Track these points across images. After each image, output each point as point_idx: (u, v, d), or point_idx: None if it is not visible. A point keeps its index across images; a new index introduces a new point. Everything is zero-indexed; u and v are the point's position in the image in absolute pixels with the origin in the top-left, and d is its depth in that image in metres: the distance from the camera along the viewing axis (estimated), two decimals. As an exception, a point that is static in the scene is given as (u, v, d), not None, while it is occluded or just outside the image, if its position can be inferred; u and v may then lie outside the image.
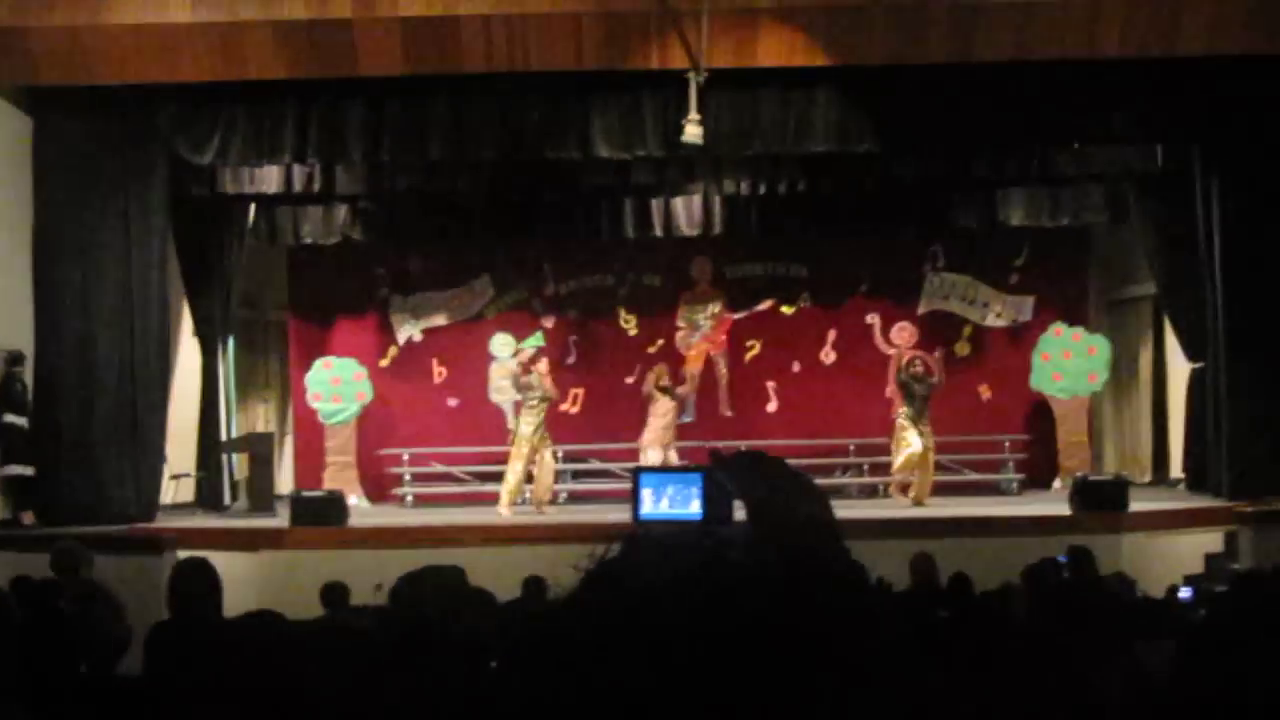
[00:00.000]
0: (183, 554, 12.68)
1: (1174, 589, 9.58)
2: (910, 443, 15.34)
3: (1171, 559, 13.31)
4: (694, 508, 1.72)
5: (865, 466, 17.58)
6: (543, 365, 15.52)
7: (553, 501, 15.74)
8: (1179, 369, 16.86)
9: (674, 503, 1.75)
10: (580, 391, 18.43)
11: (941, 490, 16.27)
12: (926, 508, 15.16)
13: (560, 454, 17.28)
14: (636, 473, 1.79)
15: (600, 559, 1.25)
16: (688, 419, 17.34)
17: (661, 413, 16.04)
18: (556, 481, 16.99)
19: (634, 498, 1.78)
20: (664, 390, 16.11)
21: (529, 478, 15.23)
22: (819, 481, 1.70)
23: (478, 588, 8.42)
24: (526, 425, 15.19)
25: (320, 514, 14.20)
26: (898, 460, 15.65)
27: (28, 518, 13.73)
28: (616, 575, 1.22)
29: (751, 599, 1.19)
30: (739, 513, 1.67)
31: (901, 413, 15.62)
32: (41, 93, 14.18)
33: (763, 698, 1.16)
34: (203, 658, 3.79)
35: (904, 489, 15.79)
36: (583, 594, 1.22)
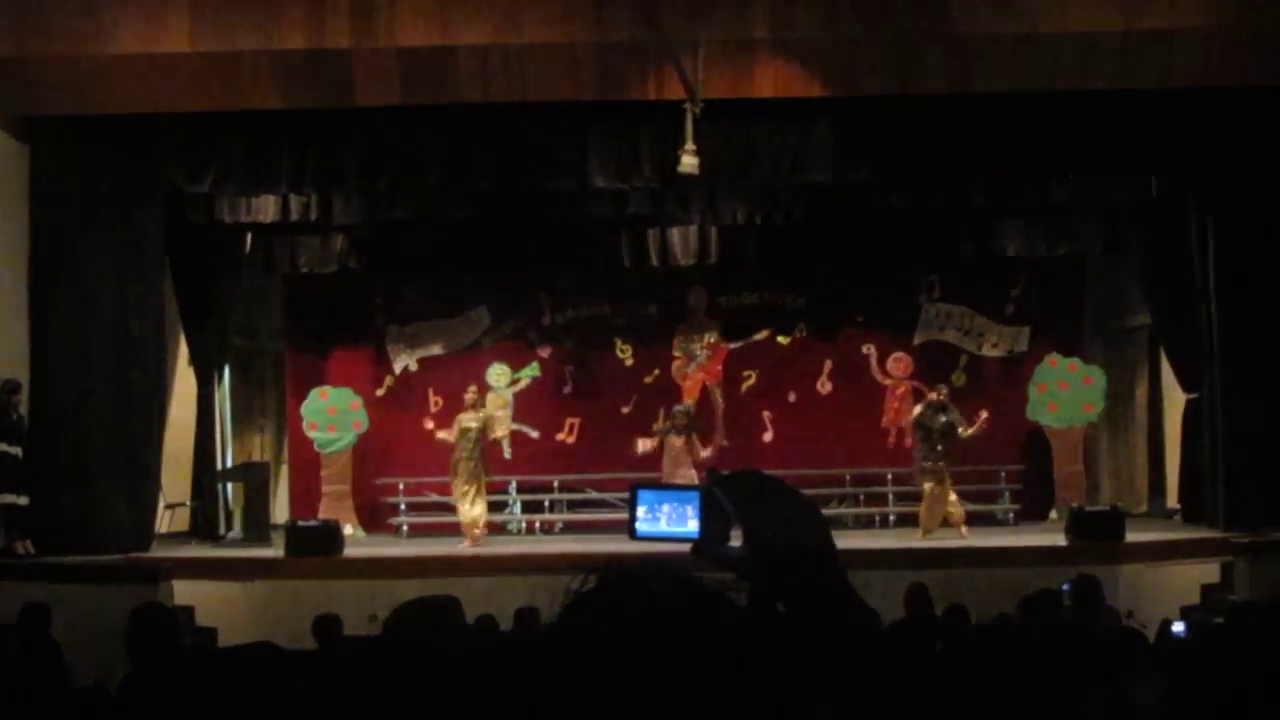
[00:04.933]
0: (178, 584, 12.74)
1: (1167, 623, 9.56)
2: (932, 495, 15.31)
3: (1168, 590, 13.30)
4: (691, 525, 1.72)
5: (861, 496, 17.57)
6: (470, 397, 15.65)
7: (548, 530, 15.80)
8: (1175, 399, 16.87)
9: (671, 520, 1.75)
10: (576, 421, 18.42)
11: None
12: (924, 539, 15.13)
13: (556, 483, 17.33)
14: (634, 488, 1.79)
15: (576, 592, 1.25)
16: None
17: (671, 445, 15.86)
18: (552, 511, 17.07)
19: (630, 513, 1.78)
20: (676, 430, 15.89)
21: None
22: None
23: (482, 614, 8.43)
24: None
25: (316, 544, 14.17)
26: (929, 519, 15.49)
27: (23, 547, 13.70)
28: (591, 611, 1.22)
29: (727, 638, 1.19)
30: (736, 532, 1.67)
31: (925, 466, 15.47)
32: (39, 122, 14.21)
33: None
34: (196, 689, 3.79)
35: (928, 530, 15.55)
36: (558, 630, 1.23)
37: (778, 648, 1.24)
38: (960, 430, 15.37)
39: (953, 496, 15.35)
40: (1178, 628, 9.28)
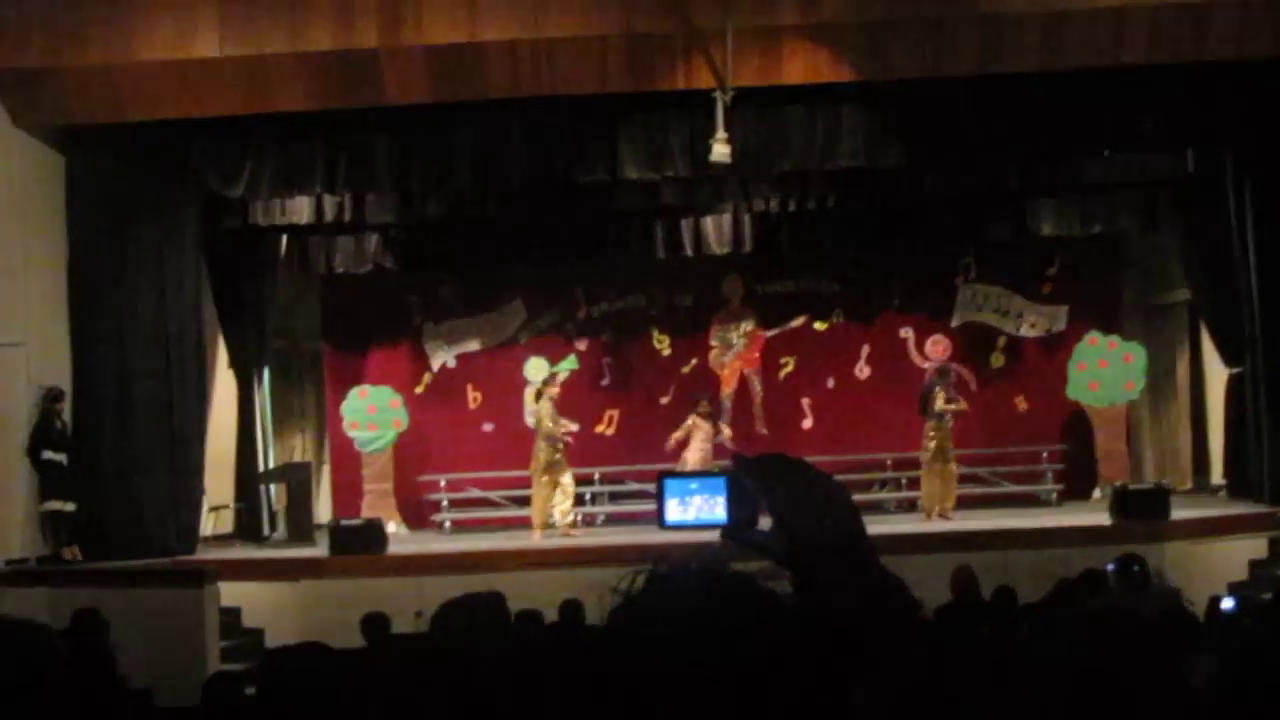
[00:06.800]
0: (224, 586, 12.81)
1: (1215, 600, 9.48)
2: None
3: (1215, 567, 13.22)
4: (719, 513, 1.72)
5: (903, 481, 17.51)
6: (545, 399, 15.61)
7: (581, 524, 15.87)
8: (1216, 374, 16.76)
9: (699, 509, 1.75)
10: (615, 413, 18.44)
11: (980, 502, 16.21)
12: (955, 520, 15.10)
13: (597, 476, 17.32)
14: (661, 479, 1.78)
15: (626, 592, 1.25)
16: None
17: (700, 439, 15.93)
18: (593, 503, 17.04)
19: (659, 504, 1.78)
20: (705, 416, 16.02)
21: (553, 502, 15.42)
22: (856, 497, 1.69)
23: (526, 609, 8.44)
24: (540, 452, 15.34)
25: (359, 542, 14.23)
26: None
27: (70, 553, 13.80)
28: (641, 612, 1.22)
29: (774, 633, 1.19)
30: (764, 518, 1.67)
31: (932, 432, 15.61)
32: (73, 131, 14.28)
33: None
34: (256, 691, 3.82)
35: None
36: (609, 633, 1.23)
37: (816, 634, 1.24)
38: (938, 403, 15.42)
39: (941, 479, 15.39)
40: (1226, 605, 9.21)
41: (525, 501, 16.68)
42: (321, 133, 14.34)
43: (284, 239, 17.04)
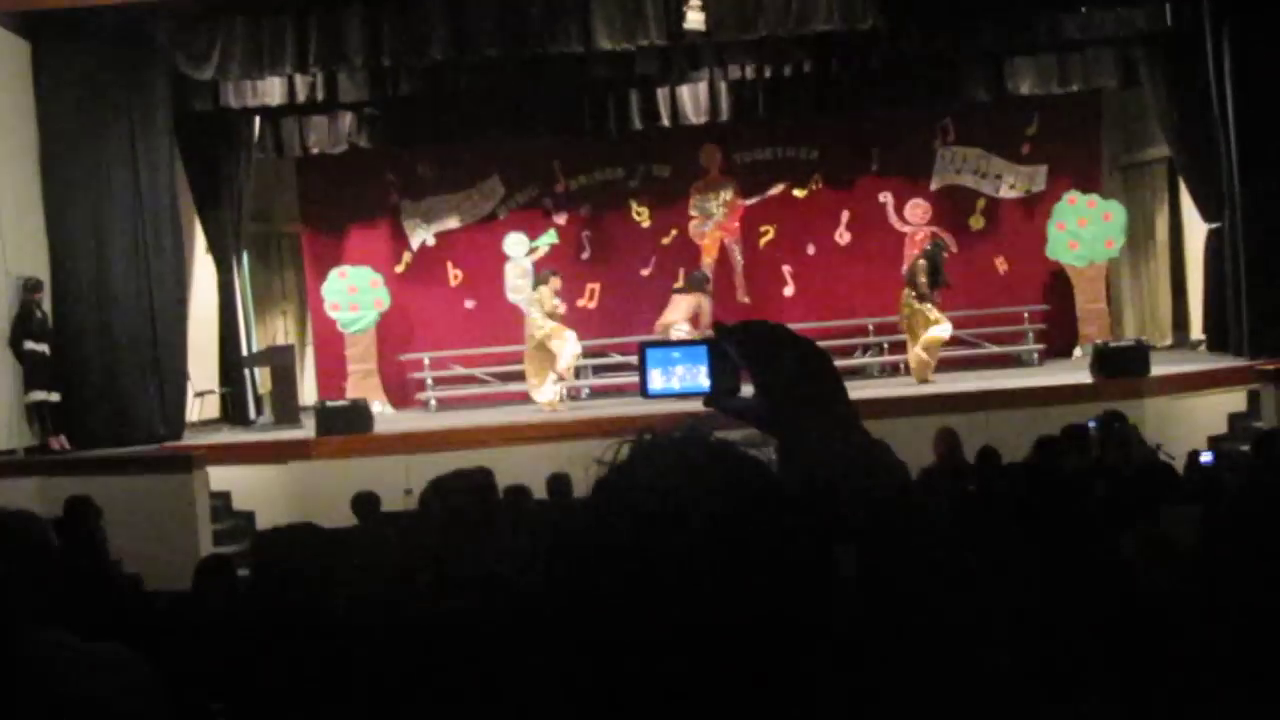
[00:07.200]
0: (213, 470, 12.86)
1: (1195, 454, 9.58)
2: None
3: (1195, 421, 13.34)
4: (702, 380, 1.72)
5: (885, 345, 17.58)
6: (546, 290, 15.42)
7: (565, 398, 15.85)
8: (1196, 230, 16.78)
9: (681, 377, 1.74)
10: (596, 286, 18.43)
11: (962, 364, 16.28)
12: (937, 382, 15.16)
13: (580, 350, 17.32)
14: (642, 347, 1.77)
15: (611, 463, 1.26)
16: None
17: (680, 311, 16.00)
18: (577, 377, 17.04)
19: (641, 373, 1.77)
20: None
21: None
22: (839, 362, 1.70)
23: (514, 484, 8.52)
24: (534, 327, 15.28)
25: (345, 422, 14.27)
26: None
27: (58, 442, 13.84)
28: (626, 482, 1.23)
29: (758, 499, 1.21)
30: (746, 384, 1.68)
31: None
32: (39, 16, 14.05)
33: (776, 596, 1.18)
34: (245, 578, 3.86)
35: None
36: (592, 503, 1.24)
37: (801, 500, 1.25)
38: (919, 276, 15.33)
39: (921, 343, 15.27)
40: (1206, 458, 9.32)
41: (509, 377, 16.74)
42: (291, 10, 14.12)
43: (257, 121, 16.86)
